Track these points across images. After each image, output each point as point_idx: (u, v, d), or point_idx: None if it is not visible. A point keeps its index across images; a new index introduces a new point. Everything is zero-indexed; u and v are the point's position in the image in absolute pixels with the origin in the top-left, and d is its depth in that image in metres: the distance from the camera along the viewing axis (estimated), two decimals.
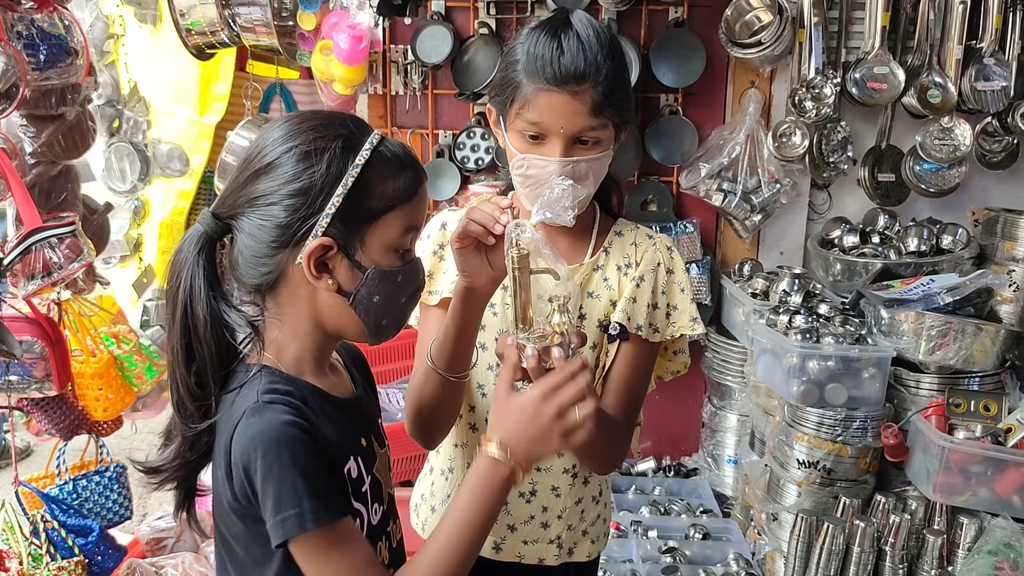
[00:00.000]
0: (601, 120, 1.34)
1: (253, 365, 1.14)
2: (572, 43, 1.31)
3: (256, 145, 1.14)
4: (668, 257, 1.51)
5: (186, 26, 2.66)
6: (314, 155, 1.09)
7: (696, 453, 3.32)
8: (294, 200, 1.09)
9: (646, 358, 1.50)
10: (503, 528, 1.53)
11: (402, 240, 1.14)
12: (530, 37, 1.35)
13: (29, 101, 2.24)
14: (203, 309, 1.11)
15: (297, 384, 1.14)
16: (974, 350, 2.32)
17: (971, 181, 3.03)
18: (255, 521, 1.08)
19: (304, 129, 1.11)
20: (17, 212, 2.19)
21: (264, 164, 1.10)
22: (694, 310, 1.51)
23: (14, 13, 2.10)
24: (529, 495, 1.51)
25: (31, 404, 2.47)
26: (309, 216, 1.09)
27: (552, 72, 1.30)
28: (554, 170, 1.34)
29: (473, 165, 3.01)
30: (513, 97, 1.35)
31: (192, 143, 3.19)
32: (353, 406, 1.23)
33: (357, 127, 1.14)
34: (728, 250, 3.18)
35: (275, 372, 1.14)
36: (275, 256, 1.11)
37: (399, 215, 1.12)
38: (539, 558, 1.54)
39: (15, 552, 2.22)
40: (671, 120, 3.00)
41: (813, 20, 2.81)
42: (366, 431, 1.24)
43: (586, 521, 1.56)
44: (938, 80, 2.81)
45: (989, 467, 2.12)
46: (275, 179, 1.09)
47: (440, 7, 2.93)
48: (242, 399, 1.10)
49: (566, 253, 1.48)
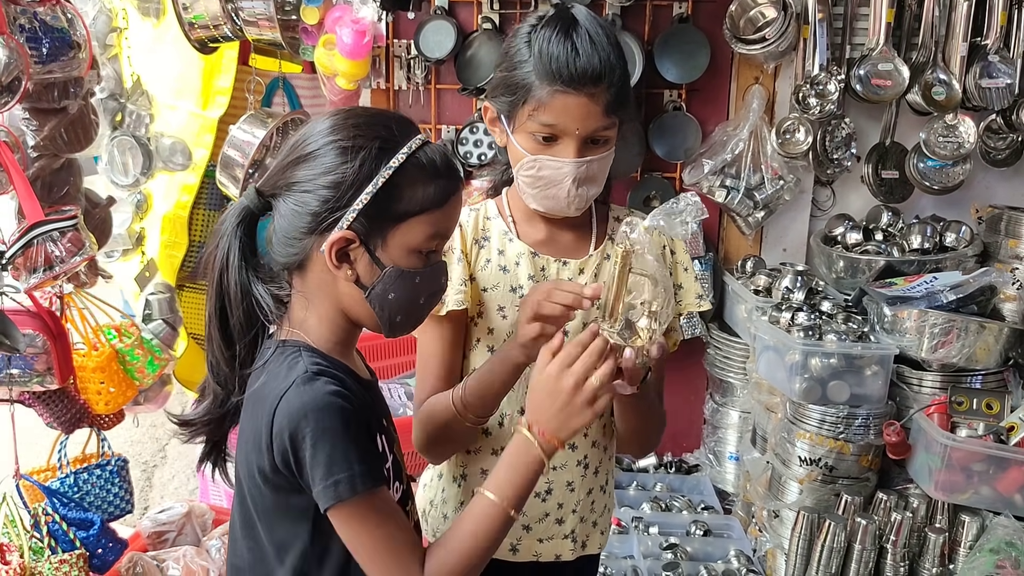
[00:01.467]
0: (612, 119, 1.35)
1: (290, 341, 1.19)
2: (585, 43, 1.30)
3: (304, 132, 1.19)
4: (668, 238, 1.51)
5: (189, 20, 2.65)
6: (351, 152, 1.13)
7: (698, 449, 3.31)
8: (327, 191, 1.13)
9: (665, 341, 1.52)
10: (518, 529, 1.52)
11: (427, 244, 1.17)
12: (538, 36, 1.33)
13: (32, 95, 2.24)
14: (235, 277, 1.17)
15: (333, 361, 1.19)
16: (977, 348, 2.32)
17: (975, 178, 3.02)
18: (289, 493, 1.13)
19: (348, 125, 1.16)
20: (19, 205, 2.20)
21: (306, 152, 1.16)
22: (699, 287, 1.52)
23: (17, 6, 2.10)
24: (545, 494, 1.51)
25: (33, 397, 2.47)
26: (338, 208, 1.13)
27: (569, 74, 1.29)
28: (569, 172, 1.35)
29: (476, 160, 3.00)
30: (525, 99, 1.34)
31: (195, 137, 3.18)
32: (375, 388, 1.30)
33: (401, 129, 1.17)
34: (731, 247, 3.18)
35: (314, 348, 1.19)
36: (304, 240, 1.16)
37: (425, 220, 1.16)
38: (556, 554, 1.54)
39: (16, 545, 2.22)
40: (674, 116, 2.99)
41: (817, 16, 2.80)
42: (387, 412, 1.30)
43: (596, 512, 1.56)
44: (942, 77, 2.80)
45: (991, 465, 2.12)
46: (313, 168, 1.15)
47: (444, 1, 2.92)
48: (283, 370, 1.15)
49: (572, 245, 1.49)
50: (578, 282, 1.37)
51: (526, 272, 1.46)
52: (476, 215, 1.51)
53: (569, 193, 1.37)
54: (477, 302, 1.48)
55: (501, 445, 1.48)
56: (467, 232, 1.48)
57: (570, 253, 1.48)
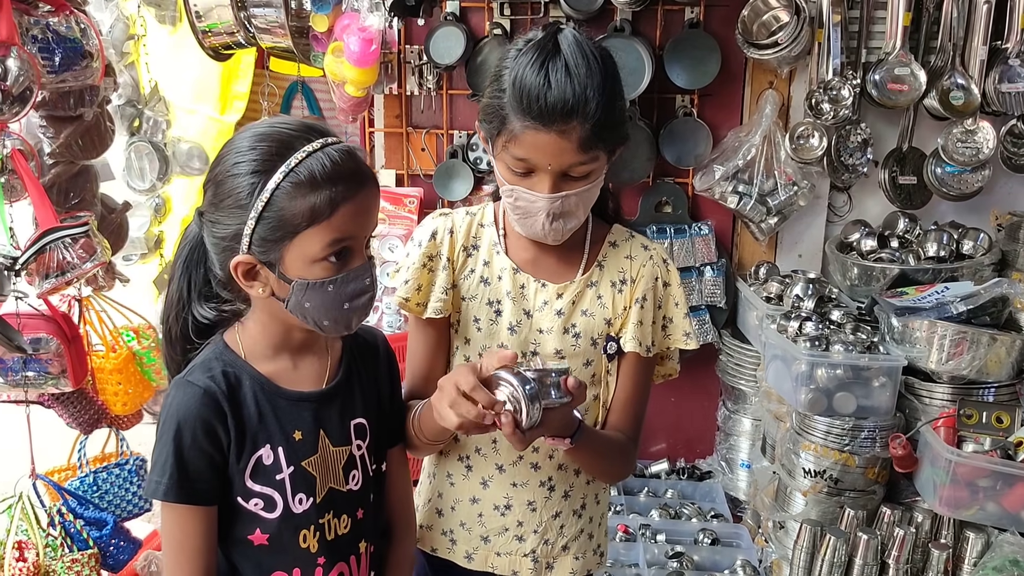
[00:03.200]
0: (591, 155, 1.31)
1: (221, 340, 1.29)
2: (560, 76, 1.25)
3: (219, 153, 1.23)
4: (664, 270, 1.50)
5: (203, 28, 2.69)
6: (239, 178, 1.17)
7: (711, 456, 3.29)
8: (223, 217, 1.19)
9: (647, 373, 1.53)
10: (476, 539, 1.53)
11: (327, 252, 1.18)
12: (517, 63, 1.29)
13: (48, 103, 2.30)
14: (179, 296, 1.29)
15: (238, 366, 1.26)
16: (988, 360, 2.26)
17: (996, 184, 2.95)
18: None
19: (243, 147, 1.18)
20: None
21: (213, 176, 1.22)
22: (688, 324, 1.51)
23: (30, 17, 2.15)
24: (504, 508, 1.51)
25: (52, 399, 2.54)
26: (236, 234, 1.18)
27: (538, 109, 1.25)
28: (542, 207, 1.33)
29: (485, 166, 3.01)
30: (500, 129, 1.32)
31: (213, 141, 3.24)
32: (303, 399, 1.29)
33: (281, 145, 1.17)
34: (745, 252, 3.15)
35: (226, 350, 1.28)
36: (221, 259, 1.23)
37: (317, 232, 1.17)
38: (512, 571, 1.54)
39: (32, 543, 2.27)
40: (685, 122, 2.97)
41: (832, 20, 2.76)
42: (313, 426, 1.29)
43: (566, 536, 1.54)
44: (960, 82, 2.74)
45: (997, 481, 2.07)
46: (215, 195, 1.20)
47: (455, 8, 2.93)
48: (193, 362, 1.28)
49: (557, 268, 1.47)
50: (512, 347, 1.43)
51: (506, 288, 1.46)
52: (471, 220, 1.50)
53: (544, 226, 1.36)
54: (456, 309, 1.49)
55: (484, 475, 1.51)
56: (457, 238, 1.48)
57: (553, 276, 1.47)
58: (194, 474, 1.21)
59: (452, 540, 1.56)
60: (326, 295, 1.21)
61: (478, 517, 1.53)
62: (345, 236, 1.19)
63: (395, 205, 3.03)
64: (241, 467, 1.24)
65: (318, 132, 1.20)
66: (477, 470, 1.52)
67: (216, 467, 1.23)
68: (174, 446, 1.20)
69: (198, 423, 1.21)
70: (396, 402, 1.44)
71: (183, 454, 1.20)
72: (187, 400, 1.21)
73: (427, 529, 1.58)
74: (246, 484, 1.25)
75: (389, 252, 2.99)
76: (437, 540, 1.57)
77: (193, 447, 1.20)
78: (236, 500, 1.25)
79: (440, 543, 1.57)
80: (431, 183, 3.08)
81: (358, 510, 1.34)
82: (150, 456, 1.25)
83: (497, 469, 1.50)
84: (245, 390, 1.25)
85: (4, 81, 1.99)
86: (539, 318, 1.46)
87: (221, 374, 1.24)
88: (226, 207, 1.18)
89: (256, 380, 1.26)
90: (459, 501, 1.54)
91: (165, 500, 1.21)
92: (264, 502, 1.26)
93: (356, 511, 1.34)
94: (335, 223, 1.17)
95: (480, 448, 1.51)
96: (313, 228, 1.17)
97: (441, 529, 1.56)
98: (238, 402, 1.24)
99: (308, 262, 1.19)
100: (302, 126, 1.21)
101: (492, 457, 1.50)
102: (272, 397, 1.27)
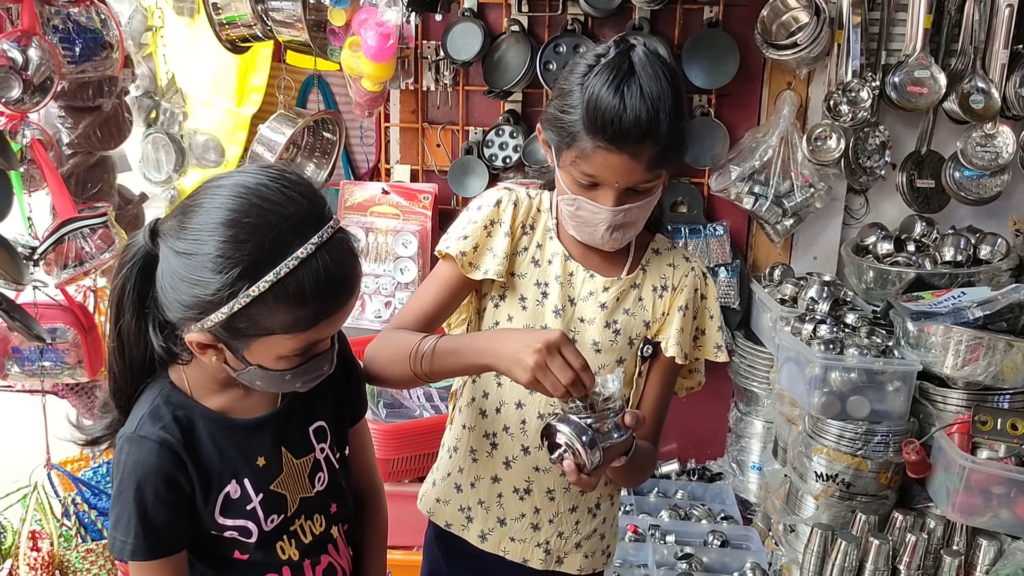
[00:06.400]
0: (656, 172, 1.35)
1: (163, 378, 1.22)
2: (635, 99, 1.27)
3: (200, 200, 1.10)
4: (703, 283, 1.55)
5: (221, 20, 2.70)
6: (221, 261, 1.06)
7: (722, 457, 3.28)
8: (190, 293, 1.08)
9: (674, 381, 1.57)
10: (493, 519, 1.54)
11: (294, 352, 1.14)
12: (591, 83, 1.30)
13: (67, 93, 2.31)
14: (131, 322, 1.17)
15: (188, 407, 1.21)
16: (1004, 366, 2.25)
17: (1015, 189, 2.93)
18: None
19: (234, 221, 1.06)
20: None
21: (187, 242, 1.09)
22: (720, 338, 1.55)
23: (51, 7, 2.16)
24: (524, 492, 1.52)
25: (66, 389, 2.55)
26: (201, 313, 1.09)
27: (613, 133, 1.28)
28: (605, 218, 1.37)
29: (501, 163, 3.01)
30: (570, 144, 1.34)
31: (229, 134, 3.24)
32: (260, 425, 1.26)
33: (272, 247, 1.06)
34: (760, 254, 3.14)
35: (174, 390, 1.21)
36: (175, 313, 1.12)
37: (292, 339, 1.12)
38: (523, 558, 1.55)
39: (47, 533, 2.29)
40: (703, 122, 2.95)
41: (853, 21, 2.74)
42: (274, 447, 1.27)
43: (580, 533, 1.56)
44: (981, 86, 2.72)
45: (1012, 489, 2.07)
46: (188, 260, 1.08)
47: (472, 3, 2.92)
48: (138, 408, 1.21)
49: (602, 266, 1.51)
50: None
51: (555, 272, 1.49)
52: (531, 203, 1.52)
53: (603, 236, 1.40)
54: (503, 281, 1.50)
55: (508, 455, 1.51)
56: (520, 212, 1.50)
57: (601, 269, 1.50)
58: (161, 528, 1.18)
59: (468, 517, 1.56)
60: (282, 379, 1.17)
61: (497, 497, 1.54)
62: (320, 340, 1.16)
63: (409, 201, 3.03)
64: (210, 508, 1.22)
65: (316, 214, 1.09)
66: (502, 449, 1.52)
67: (183, 514, 1.20)
68: (136, 505, 1.16)
69: (158, 478, 1.16)
70: (353, 378, 1.40)
71: (147, 511, 1.16)
72: (143, 456, 1.16)
73: (443, 503, 1.59)
74: (217, 521, 1.23)
75: (403, 248, 2.99)
76: (453, 515, 1.58)
77: (156, 503, 1.16)
78: (210, 533, 1.24)
79: (456, 519, 1.58)
80: (446, 179, 3.07)
81: (331, 505, 1.35)
82: (109, 511, 1.20)
83: (522, 451, 1.51)
84: (200, 431, 1.20)
85: (26, 71, 2.00)
86: (583, 307, 1.49)
87: (172, 420, 1.18)
88: (191, 286, 1.08)
89: (209, 419, 1.21)
90: (480, 479, 1.55)
91: (133, 560, 1.17)
92: (239, 532, 1.25)
93: (329, 507, 1.35)
94: (313, 333, 1.13)
95: (508, 427, 1.51)
96: (288, 335, 1.10)
97: (459, 505, 1.57)
98: (195, 447, 1.19)
99: (273, 357, 1.13)
100: (300, 201, 1.09)
101: (519, 438, 1.51)
102: (228, 432, 1.22)
